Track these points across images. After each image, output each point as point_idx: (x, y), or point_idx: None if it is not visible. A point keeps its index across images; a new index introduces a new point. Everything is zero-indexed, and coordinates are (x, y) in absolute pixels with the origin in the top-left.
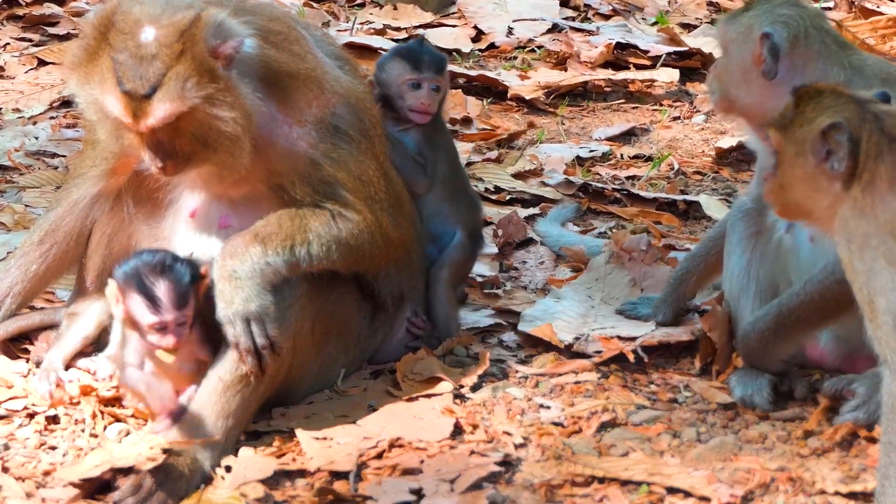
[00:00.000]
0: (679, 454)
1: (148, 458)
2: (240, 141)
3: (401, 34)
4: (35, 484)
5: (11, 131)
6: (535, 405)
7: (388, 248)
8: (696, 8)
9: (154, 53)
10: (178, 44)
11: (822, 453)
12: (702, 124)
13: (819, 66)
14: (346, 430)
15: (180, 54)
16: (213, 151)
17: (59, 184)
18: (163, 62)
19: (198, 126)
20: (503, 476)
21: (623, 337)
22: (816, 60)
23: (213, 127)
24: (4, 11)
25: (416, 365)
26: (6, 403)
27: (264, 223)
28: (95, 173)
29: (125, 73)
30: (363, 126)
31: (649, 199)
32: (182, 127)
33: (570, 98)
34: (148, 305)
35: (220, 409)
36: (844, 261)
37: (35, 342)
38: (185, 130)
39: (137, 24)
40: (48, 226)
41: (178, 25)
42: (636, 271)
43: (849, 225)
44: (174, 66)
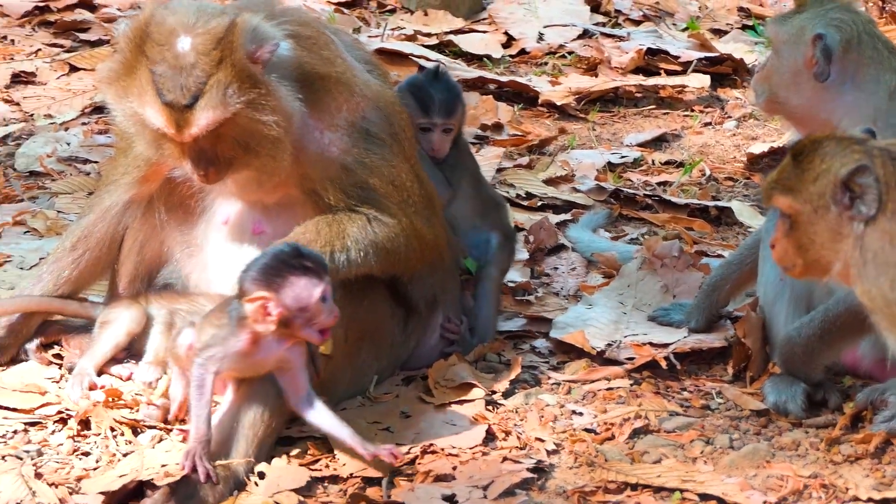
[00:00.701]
0: (712, 461)
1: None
2: (281, 143)
3: (431, 40)
4: (68, 490)
5: (43, 137)
6: (567, 412)
7: (423, 250)
8: (726, 13)
9: (193, 63)
10: (216, 51)
11: (855, 460)
12: (733, 130)
13: (870, 72)
14: (379, 436)
15: (219, 62)
16: (255, 155)
17: (91, 190)
18: (202, 71)
19: (240, 131)
20: (536, 483)
21: (655, 343)
22: (868, 66)
23: (255, 131)
24: (36, 17)
25: (448, 371)
26: (39, 410)
27: (303, 230)
28: (127, 180)
29: (165, 85)
30: (393, 130)
31: (681, 205)
32: (224, 133)
33: (601, 104)
34: (308, 282)
35: (256, 417)
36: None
37: (67, 348)
38: (228, 136)
39: (173, 33)
40: (80, 232)
41: (215, 33)
42: (668, 277)
43: (878, 256)
44: (214, 73)
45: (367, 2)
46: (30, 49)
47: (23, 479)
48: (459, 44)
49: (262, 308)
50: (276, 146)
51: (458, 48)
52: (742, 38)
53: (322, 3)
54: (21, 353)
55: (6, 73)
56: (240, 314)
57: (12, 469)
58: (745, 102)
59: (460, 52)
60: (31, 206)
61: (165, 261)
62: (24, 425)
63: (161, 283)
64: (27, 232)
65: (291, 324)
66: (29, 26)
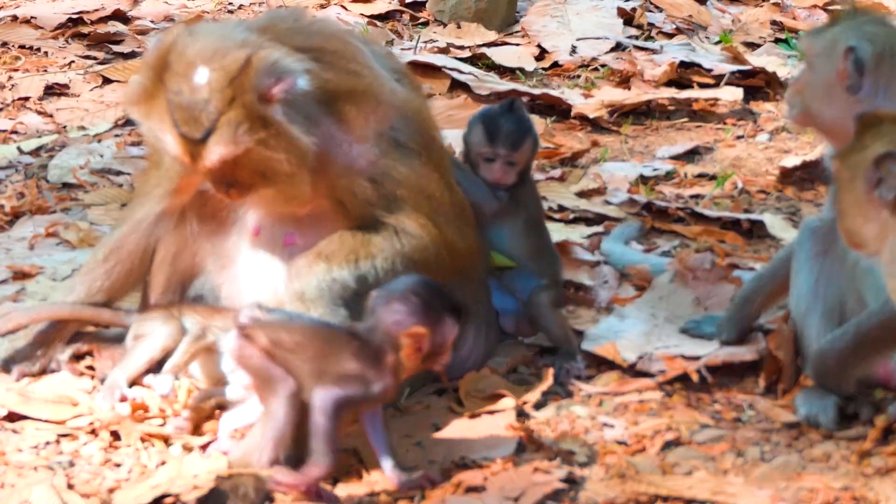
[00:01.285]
0: (743, 473)
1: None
2: (297, 175)
3: (464, 52)
4: (100, 501)
5: (76, 149)
6: (598, 424)
7: (454, 260)
8: (759, 27)
9: (206, 98)
10: (228, 89)
11: (887, 473)
12: (766, 143)
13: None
14: (410, 450)
15: (231, 100)
16: (272, 183)
17: (123, 201)
18: (215, 108)
19: (255, 163)
20: (567, 494)
21: (687, 356)
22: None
23: (269, 164)
24: (69, 30)
25: (480, 382)
26: (71, 421)
27: (327, 242)
28: (159, 192)
29: (180, 117)
30: (422, 138)
31: (713, 217)
32: (240, 162)
33: (633, 116)
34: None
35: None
36: (891, 288)
37: (100, 359)
38: (244, 166)
39: (191, 65)
40: (113, 244)
41: (229, 70)
42: (700, 290)
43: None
44: (226, 112)
45: (400, 15)
46: (63, 61)
47: (55, 491)
48: (492, 56)
49: (415, 343)
50: (291, 177)
51: (490, 61)
52: (775, 51)
53: (355, 15)
54: (53, 364)
55: (39, 85)
56: (384, 348)
57: (44, 480)
58: (778, 115)
59: (493, 64)
60: (64, 218)
61: (197, 272)
62: (57, 436)
63: (193, 295)
64: (60, 243)
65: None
66: (62, 38)
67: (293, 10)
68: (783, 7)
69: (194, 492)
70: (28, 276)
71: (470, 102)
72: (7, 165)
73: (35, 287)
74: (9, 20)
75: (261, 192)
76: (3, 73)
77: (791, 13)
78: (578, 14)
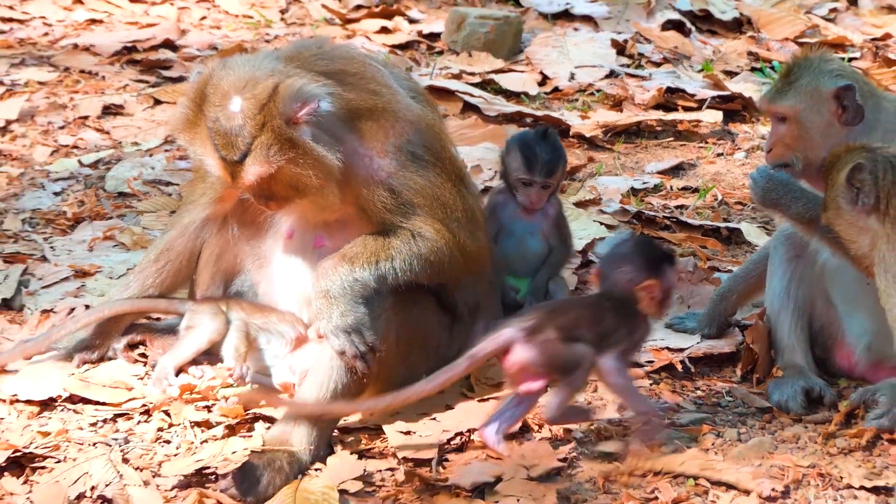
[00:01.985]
0: (722, 452)
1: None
2: (324, 188)
3: (475, 78)
4: (151, 473)
5: (130, 162)
6: (593, 407)
7: (467, 261)
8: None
9: (241, 125)
10: (259, 116)
11: (849, 452)
12: (742, 160)
13: (873, 103)
14: (428, 425)
15: (262, 126)
16: (304, 195)
17: (172, 209)
18: (249, 133)
19: (287, 178)
20: (566, 470)
21: (672, 348)
22: (870, 98)
23: (300, 180)
24: (124, 56)
25: (489, 370)
26: (126, 403)
27: (350, 245)
28: (205, 200)
29: (220, 142)
30: (436, 151)
31: (696, 225)
32: (275, 178)
33: (625, 136)
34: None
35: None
36: (881, 290)
37: (151, 348)
38: (278, 181)
39: (226, 96)
40: (163, 246)
41: (260, 99)
42: (684, 290)
43: (885, 258)
44: (258, 136)
45: (418, 45)
46: (119, 84)
47: (111, 464)
48: (500, 82)
49: (649, 293)
50: (320, 190)
51: (498, 86)
52: (751, 78)
53: (378, 45)
54: (110, 352)
55: (98, 106)
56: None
57: (102, 455)
58: (754, 136)
59: (500, 89)
60: (120, 223)
61: (238, 271)
62: (113, 416)
63: (234, 291)
64: (116, 246)
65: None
66: (118, 64)
67: (317, 38)
68: (758, 40)
69: (231, 465)
70: (87, 275)
71: (480, 122)
72: (69, 177)
73: (94, 284)
74: (70, 48)
75: (295, 203)
76: (65, 94)
77: (765, 45)
78: (576, 45)
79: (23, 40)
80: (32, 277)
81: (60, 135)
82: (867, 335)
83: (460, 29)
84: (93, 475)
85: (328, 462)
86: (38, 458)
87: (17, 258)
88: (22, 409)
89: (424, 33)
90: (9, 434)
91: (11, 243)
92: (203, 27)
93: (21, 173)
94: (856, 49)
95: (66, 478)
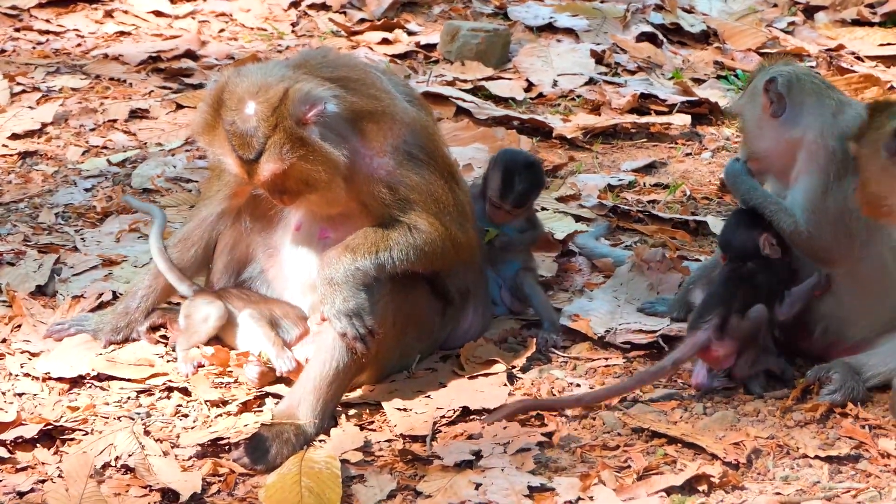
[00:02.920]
0: (689, 424)
1: (262, 424)
2: (332, 182)
3: (467, 85)
4: (170, 444)
5: (154, 161)
6: (573, 384)
7: (458, 251)
8: (704, 66)
9: (255, 126)
10: (272, 118)
11: (805, 425)
12: (709, 159)
13: (814, 101)
14: (422, 402)
15: (275, 126)
16: (314, 190)
17: (192, 204)
18: (263, 133)
19: (298, 174)
20: (547, 442)
21: (645, 330)
22: (811, 96)
23: (310, 175)
24: (150, 65)
25: (477, 350)
26: (149, 380)
27: (353, 237)
28: (220, 196)
29: (237, 142)
30: (430, 150)
31: (666, 219)
32: (287, 174)
33: (602, 137)
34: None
35: (322, 386)
36: None
37: (172, 330)
38: (290, 177)
39: (241, 101)
40: (182, 236)
41: (272, 102)
42: (654, 277)
43: None
44: (272, 136)
45: (415, 54)
46: (144, 90)
47: (134, 436)
48: (489, 88)
49: (767, 240)
50: (328, 184)
51: (488, 91)
52: (717, 85)
53: (380, 55)
54: (134, 334)
55: (125, 110)
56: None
57: (126, 428)
58: (719, 137)
59: (490, 94)
60: (144, 217)
61: (250, 260)
62: (136, 393)
63: (245, 278)
64: (140, 237)
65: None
66: (144, 72)
67: (322, 48)
68: (723, 50)
69: (242, 436)
70: (114, 264)
71: (471, 125)
72: (98, 174)
73: (120, 272)
74: (101, 58)
75: (305, 197)
76: (96, 100)
77: (730, 55)
78: (559, 55)
79: (58, 50)
80: (64, 266)
81: (91, 136)
82: (824, 319)
83: (454, 40)
84: (117, 446)
85: (332, 434)
86: (68, 431)
87: (51, 248)
88: (53, 386)
89: (422, 44)
90: (41, 409)
91: (46, 235)
92: (221, 39)
93: (55, 171)
94: (812, 59)
95: (92, 449)
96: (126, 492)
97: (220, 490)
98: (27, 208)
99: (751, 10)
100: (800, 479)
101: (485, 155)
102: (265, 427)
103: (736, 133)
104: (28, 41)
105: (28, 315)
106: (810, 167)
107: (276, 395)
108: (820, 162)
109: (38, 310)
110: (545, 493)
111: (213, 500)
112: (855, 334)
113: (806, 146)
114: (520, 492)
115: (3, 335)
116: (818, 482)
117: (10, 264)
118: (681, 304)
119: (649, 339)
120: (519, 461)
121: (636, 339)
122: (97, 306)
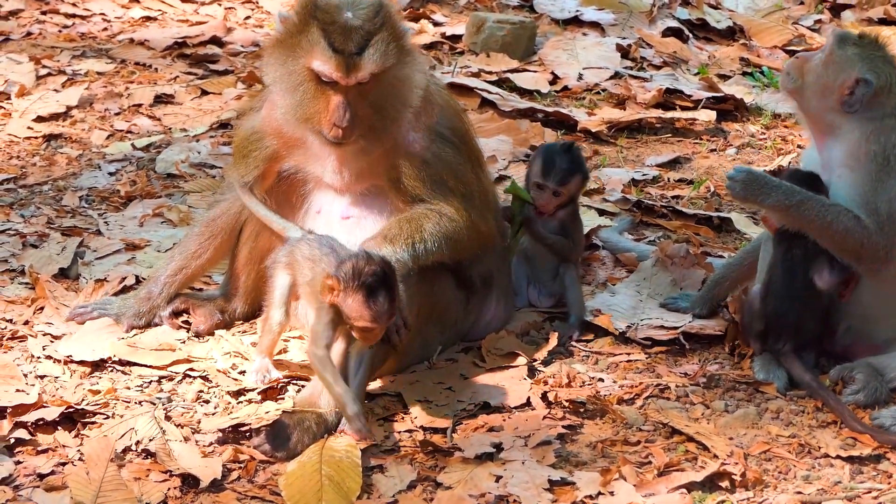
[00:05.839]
0: (711, 422)
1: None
2: (405, 106)
3: (492, 77)
4: (191, 430)
5: (179, 147)
6: (594, 378)
7: (480, 240)
8: (730, 62)
9: (360, 25)
10: (377, 18)
11: (826, 425)
12: (734, 155)
13: (887, 120)
14: (444, 394)
15: (381, 26)
16: (382, 116)
17: (215, 190)
18: (367, 31)
19: (382, 88)
20: (568, 436)
21: (666, 326)
22: (884, 106)
23: (393, 90)
24: (175, 51)
25: (499, 342)
26: (170, 367)
27: (388, 227)
28: (246, 180)
29: (336, 39)
30: (460, 134)
31: (690, 214)
32: (368, 90)
33: (627, 132)
34: None
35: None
36: None
37: (194, 316)
38: (370, 93)
39: (339, 7)
40: (207, 222)
41: (374, 6)
42: (677, 273)
43: None
44: (377, 33)
45: (441, 45)
46: (170, 76)
47: (155, 421)
48: (515, 80)
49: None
50: (400, 109)
51: (513, 84)
52: (743, 82)
53: None
54: (156, 319)
55: (151, 95)
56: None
57: (147, 412)
58: (744, 134)
59: (515, 87)
60: (168, 202)
61: (274, 247)
62: (158, 378)
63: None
64: (164, 222)
65: None
66: (169, 58)
67: None
68: (749, 47)
69: (263, 423)
70: (138, 248)
71: (496, 117)
72: (123, 159)
73: (143, 256)
74: (127, 42)
75: (362, 134)
76: (121, 84)
77: (756, 51)
78: (585, 48)
79: (84, 34)
80: (88, 249)
81: (116, 120)
82: (849, 318)
83: (480, 32)
84: (138, 431)
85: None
86: (89, 415)
87: (74, 231)
88: (75, 369)
89: (447, 35)
90: (63, 392)
91: (69, 218)
92: (247, 25)
93: (79, 155)
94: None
95: (113, 432)
96: (146, 476)
97: (240, 477)
98: (51, 191)
99: (777, 6)
100: (821, 478)
101: (509, 147)
102: (286, 414)
103: (761, 130)
104: (54, 24)
105: (51, 297)
106: (856, 164)
107: (301, 381)
108: (862, 160)
109: (61, 292)
110: (565, 487)
111: (232, 486)
112: (880, 334)
113: (853, 144)
114: (540, 485)
115: (25, 317)
116: (839, 482)
117: (34, 246)
118: (705, 302)
119: (671, 335)
120: (540, 454)
121: (657, 334)
122: (120, 290)
